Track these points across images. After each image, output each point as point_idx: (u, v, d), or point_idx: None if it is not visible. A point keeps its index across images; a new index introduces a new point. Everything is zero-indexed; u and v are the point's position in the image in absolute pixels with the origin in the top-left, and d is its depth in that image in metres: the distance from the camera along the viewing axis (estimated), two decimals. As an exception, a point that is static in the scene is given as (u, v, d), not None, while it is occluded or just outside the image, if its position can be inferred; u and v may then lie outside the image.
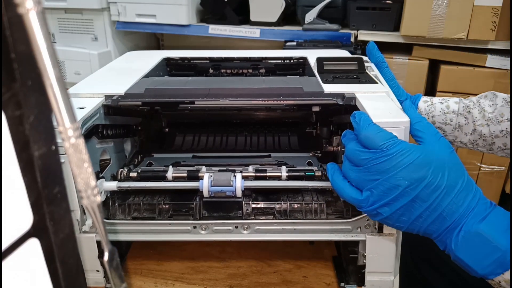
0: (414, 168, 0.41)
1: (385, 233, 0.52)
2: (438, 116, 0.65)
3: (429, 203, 0.41)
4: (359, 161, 0.44)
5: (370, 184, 0.43)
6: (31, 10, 0.18)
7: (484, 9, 1.21)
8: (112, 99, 0.56)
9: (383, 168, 0.42)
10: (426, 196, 0.41)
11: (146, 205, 0.56)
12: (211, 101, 0.56)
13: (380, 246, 0.52)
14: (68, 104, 0.20)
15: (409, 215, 0.42)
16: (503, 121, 0.61)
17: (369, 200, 0.43)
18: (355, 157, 0.44)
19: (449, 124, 0.65)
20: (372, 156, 0.43)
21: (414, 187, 0.41)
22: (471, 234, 0.41)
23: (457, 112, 0.64)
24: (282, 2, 1.46)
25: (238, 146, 0.79)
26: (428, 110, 0.65)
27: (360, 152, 0.44)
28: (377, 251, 0.53)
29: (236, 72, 0.85)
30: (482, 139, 0.64)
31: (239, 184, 0.52)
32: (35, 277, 0.22)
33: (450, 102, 0.65)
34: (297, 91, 0.57)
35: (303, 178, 0.56)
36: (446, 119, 0.65)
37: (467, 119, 0.64)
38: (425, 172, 0.41)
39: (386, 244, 0.52)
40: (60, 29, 1.67)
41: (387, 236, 0.52)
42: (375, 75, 0.62)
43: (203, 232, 0.54)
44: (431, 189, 0.41)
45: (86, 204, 0.22)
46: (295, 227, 0.54)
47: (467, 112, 0.64)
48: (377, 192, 0.43)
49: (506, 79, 1.28)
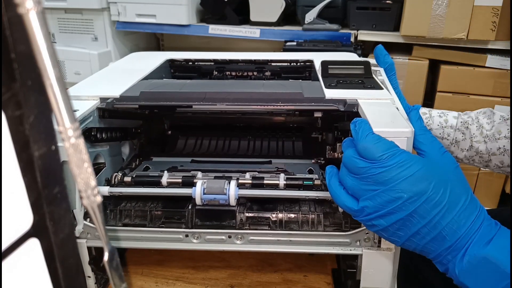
0: (414, 181, 0.39)
1: (382, 247, 0.50)
2: (436, 129, 0.64)
3: (428, 219, 0.39)
4: (356, 169, 0.42)
5: (367, 194, 0.41)
6: (31, 10, 0.18)
7: (484, 9, 1.21)
8: (106, 102, 0.56)
9: (380, 179, 0.40)
10: (425, 211, 0.39)
11: (138, 211, 0.54)
12: (207, 106, 0.55)
13: (376, 261, 0.50)
14: (68, 104, 0.20)
15: (406, 231, 0.41)
16: (500, 138, 0.60)
17: (364, 211, 0.42)
18: (352, 165, 0.43)
19: (446, 139, 0.64)
20: (370, 166, 0.41)
21: (412, 201, 0.39)
22: (478, 259, 0.38)
23: (455, 127, 0.63)
24: (282, 2, 1.46)
25: (240, 151, 0.78)
26: (425, 123, 0.64)
27: (357, 160, 0.42)
28: (373, 266, 0.51)
29: (241, 75, 0.84)
30: (478, 156, 0.62)
31: (233, 192, 0.51)
32: (35, 277, 0.22)
33: (449, 116, 0.64)
34: (296, 96, 0.55)
35: (301, 187, 0.54)
36: (444, 133, 0.64)
37: (464, 134, 0.63)
38: (425, 186, 0.39)
39: (383, 260, 0.50)
40: (60, 29, 1.67)
41: (385, 251, 0.50)
42: (382, 80, 0.61)
43: (195, 241, 0.53)
44: (431, 205, 0.39)
45: (86, 204, 0.22)
46: (291, 238, 0.52)
47: (465, 128, 0.63)
48: (373, 204, 0.41)
49: (506, 79, 1.28)
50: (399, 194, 0.39)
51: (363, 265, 0.51)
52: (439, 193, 0.39)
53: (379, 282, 0.51)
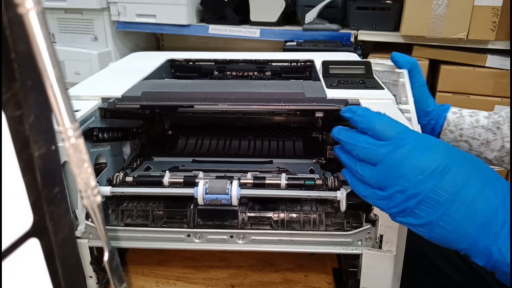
0: (443, 152, 0.38)
1: (383, 249, 0.49)
2: (467, 129, 0.62)
3: (456, 192, 0.37)
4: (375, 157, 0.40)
5: (394, 178, 0.39)
6: (31, 10, 0.18)
7: (484, 9, 1.21)
8: (108, 102, 0.56)
9: (406, 157, 0.38)
10: (453, 183, 0.37)
11: (140, 211, 0.54)
12: (209, 106, 0.55)
13: (377, 262, 0.50)
14: (68, 104, 0.20)
15: (433, 212, 0.38)
16: None
17: (395, 197, 0.39)
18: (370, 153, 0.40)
19: (477, 139, 0.62)
20: (394, 145, 0.39)
21: (444, 173, 0.37)
22: None
23: (486, 127, 0.62)
24: (282, 2, 1.46)
25: (241, 150, 0.78)
26: (457, 122, 0.63)
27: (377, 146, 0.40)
28: (373, 267, 0.50)
29: (242, 75, 0.84)
30: (508, 156, 0.61)
31: (235, 192, 0.51)
32: (35, 277, 0.22)
33: (480, 116, 0.63)
34: (298, 96, 0.55)
35: (303, 187, 0.54)
36: (475, 133, 0.62)
37: (495, 135, 0.61)
38: (453, 156, 0.38)
39: (384, 261, 0.49)
40: (60, 29, 1.67)
41: (385, 252, 0.49)
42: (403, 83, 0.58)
43: (197, 241, 0.53)
44: (462, 174, 0.37)
45: (86, 204, 0.22)
46: (293, 238, 0.52)
47: (496, 128, 0.61)
48: (404, 186, 0.38)
49: (506, 79, 1.28)
50: (433, 165, 0.38)
51: (363, 265, 0.51)
52: (466, 162, 0.38)
53: (378, 284, 0.51)
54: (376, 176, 0.41)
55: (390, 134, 0.40)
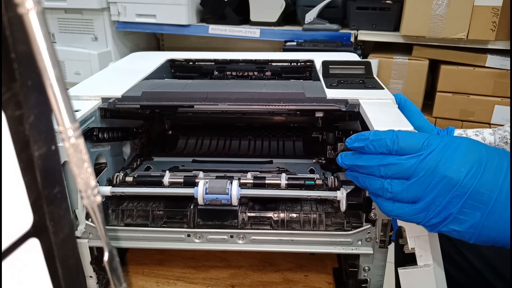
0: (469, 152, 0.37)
1: (419, 264, 0.45)
2: None
3: (497, 187, 0.36)
4: (404, 171, 0.39)
5: (426, 189, 0.38)
6: (31, 10, 0.18)
7: (484, 9, 1.21)
8: (108, 101, 0.56)
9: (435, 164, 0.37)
10: (489, 181, 0.36)
11: (140, 211, 0.54)
12: (209, 105, 0.55)
13: (417, 281, 0.46)
14: (68, 104, 0.20)
15: (475, 214, 0.37)
16: None
17: (430, 208, 0.38)
18: (397, 170, 0.39)
19: None
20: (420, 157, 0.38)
21: (475, 174, 0.37)
22: None
23: (494, 144, 0.61)
24: (282, 2, 1.46)
25: (241, 150, 0.78)
26: None
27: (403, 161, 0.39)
28: (414, 287, 0.46)
29: (242, 75, 0.84)
30: None
31: (235, 192, 0.51)
32: (35, 277, 0.22)
33: (485, 134, 0.62)
34: (298, 96, 0.55)
35: (303, 187, 0.54)
36: None
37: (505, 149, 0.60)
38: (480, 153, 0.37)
39: (424, 277, 0.45)
40: (60, 29, 1.67)
41: (423, 267, 0.45)
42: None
43: (197, 241, 0.53)
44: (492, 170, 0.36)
45: (86, 204, 0.22)
46: (293, 238, 0.52)
47: (504, 143, 0.60)
48: (436, 194, 0.38)
49: (506, 79, 1.28)
50: (468, 164, 0.37)
51: (402, 285, 0.47)
52: (496, 154, 0.37)
53: None
54: (410, 189, 0.39)
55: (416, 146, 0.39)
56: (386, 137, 0.40)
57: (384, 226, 0.49)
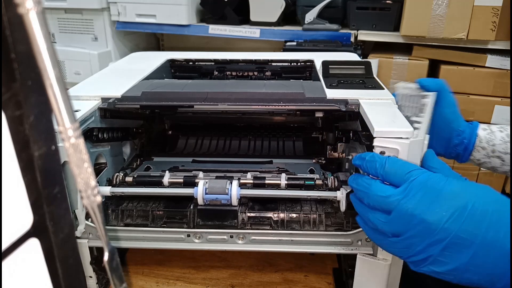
0: (458, 193, 0.36)
1: (378, 257, 0.48)
2: (499, 144, 0.61)
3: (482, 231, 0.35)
4: (386, 206, 0.39)
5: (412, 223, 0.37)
6: (31, 10, 0.18)
7: (484, 9, 1.21)
8: (108, 102, 0.56)
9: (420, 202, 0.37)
10: (473, 225, 0.35)
11: (139, 211, 0.54)
12: (209, 105, 0.55)
13: (370, 270, 0.48)
14: (68, 104, 0.20)
15: (459, 256, 0.36)
16: None
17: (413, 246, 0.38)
18: (382, 202, 0.39)
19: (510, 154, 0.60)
20: (401, 193, 0.38)
21: (458, 216, 0.36)
22: None
23: None
24: (282, 2, 1.46)
25: (241, 150, 0.78)
26: (488, 138, 0.61)
27: (387, 195, 0.39)
28: (366, 275, 0.49)
29: (242, 75, 0.84)
30: None
31: (235, 192, 0.51)
32: (35, 277, 0.22)
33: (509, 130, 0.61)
34: (298, 96, 0.55)
35: (303, 187, 0.54)
36: (507, 148, 0.60)
37: None
38: (467, 197, 0.36)
39: (377, 269, 0.48)
40: (60, 29, 1.67)
41: (380, 260, 0.48)
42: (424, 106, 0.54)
43: (197, 241, 0.53)
44: (478, 214, 0.35)
45: (86, 204, 0.22)
46: (292, 238, 0.52)
47: None
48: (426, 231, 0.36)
49: (506, 79, 1.28)
50: (452, 207, 0.36)
51: (356, 271, 0.50)
52: (484, 195, 0.36)
53: None
54: (390, 224, 0.39)
55: (400, 175, 0.39)
56: (377, 160, 0.41)
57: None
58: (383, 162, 0.40)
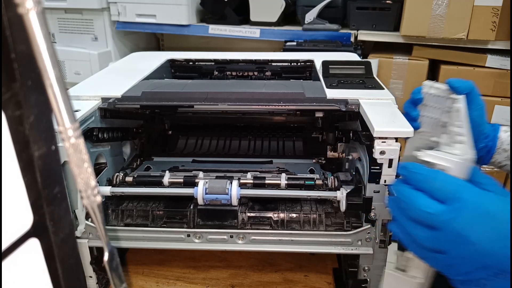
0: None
1: (408, 273, 0.44)
2: None
3: None
4: (430, 222, 0.36)
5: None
6: (31, 10, 0.18)
7: (484, 9, 1.21)
8: (108, 102, 0.56)
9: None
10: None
11: (140, 211, 0.54)
12: (209, 105, 0.55)
13: (397, 286, 0.44)
14: (68, 104, 0.20)
15: None
16: None
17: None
18: (427, 218, 0.36)
19: None
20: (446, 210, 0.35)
21: None
22: None
23: None
24: (282, 2, 1.46)
25: (241, 150, 0.78)
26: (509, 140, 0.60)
27: (433, 213, 0.36)
28: None
29: (242, 75, 0.84)
30: None
31: (235, 192, 0.51)
32: (35, 277, 0.22)
33: None
34: (298, 96, 0.55)
35: (303, 187, 0.54)
36: None
37: None
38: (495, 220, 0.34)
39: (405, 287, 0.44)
40: (60, 29, 1.67)
41: (409, 277, 0.43)
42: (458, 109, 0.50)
43: (197, 241, 0.53)
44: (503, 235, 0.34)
45: (86, 204, 0.22)
46: (292, 238, 0.52)
47: None
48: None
49: (506, 79, 1.28)
50: (505, 229, 0.34)
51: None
52: None
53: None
54: (434, 241, 0.36)
55: (448, 192, 0.36)
56: (422, 173, 0.38)
57: (384, 226, 0.49)
58: (429, 176, 0.38)
